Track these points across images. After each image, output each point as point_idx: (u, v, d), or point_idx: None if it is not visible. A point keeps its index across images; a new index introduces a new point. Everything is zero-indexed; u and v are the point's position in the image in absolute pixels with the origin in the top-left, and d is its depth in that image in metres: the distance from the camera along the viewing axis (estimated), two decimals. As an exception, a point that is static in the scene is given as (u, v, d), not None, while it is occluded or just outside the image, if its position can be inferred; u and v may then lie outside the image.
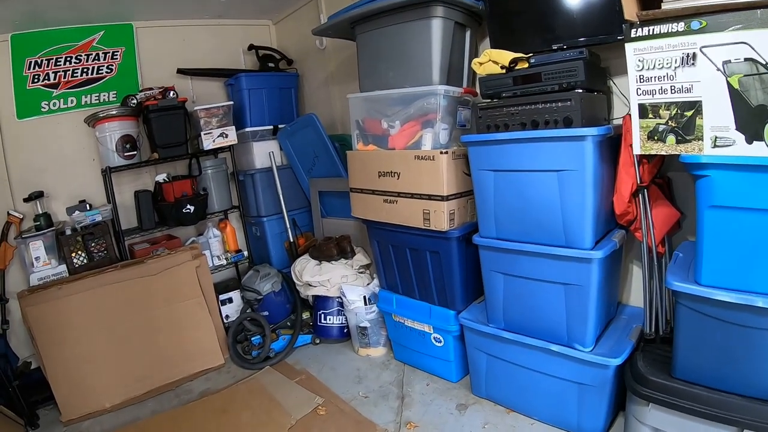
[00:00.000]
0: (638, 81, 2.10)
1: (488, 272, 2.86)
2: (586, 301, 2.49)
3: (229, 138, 4.48)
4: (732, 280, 1.96)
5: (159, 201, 4.39)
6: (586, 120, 2.38)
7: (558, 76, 2.45)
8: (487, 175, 2.71)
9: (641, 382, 2.27)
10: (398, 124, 3.16)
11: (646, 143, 2.13)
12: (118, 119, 4.19)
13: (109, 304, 3.66)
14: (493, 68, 2.69)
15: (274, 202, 4.77)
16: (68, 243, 3.92)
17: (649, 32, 2.03)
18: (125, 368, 3.61)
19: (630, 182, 2.43)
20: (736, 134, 1.87)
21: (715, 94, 1.91)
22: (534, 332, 2.72)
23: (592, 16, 2.57)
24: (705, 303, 2.01)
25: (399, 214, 3.19)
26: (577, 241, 2.45)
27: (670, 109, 2.03)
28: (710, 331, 2.05)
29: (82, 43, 4.40)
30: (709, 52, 1.89)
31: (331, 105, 4.87)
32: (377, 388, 3.39)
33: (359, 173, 3.43)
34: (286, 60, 5.18)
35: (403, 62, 3.17)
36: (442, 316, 3.24)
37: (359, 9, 3.19)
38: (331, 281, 3.91)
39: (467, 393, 3.20)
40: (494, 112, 2.66)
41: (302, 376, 3.62)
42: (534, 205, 2.55)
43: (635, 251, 2.91)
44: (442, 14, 2.96)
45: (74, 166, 4.45)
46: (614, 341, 2.62)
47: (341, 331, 4.06)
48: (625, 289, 3.07)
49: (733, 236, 1.95)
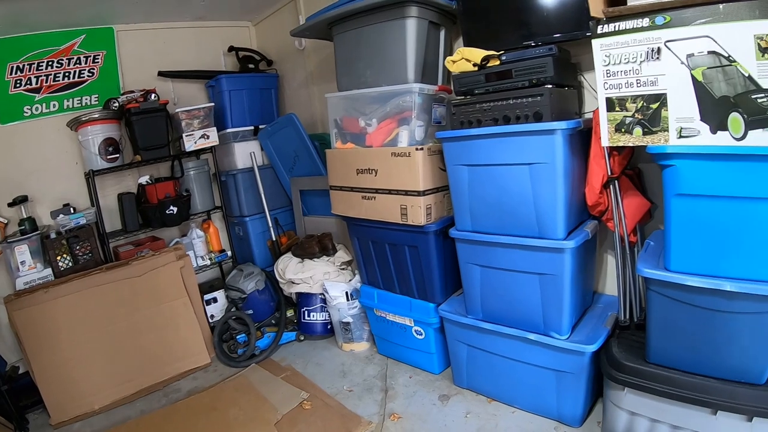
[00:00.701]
0: (605, 75, 2.14)
1: (465, 264, 2.91)
2: (561, 290, 2.55)
3: (211, 139, 4.48)
4: (700, 265, 2.02)
5: (142, 203, 4.40)
6: (556, 114, 2.44)
7: (528, 72, 2.51)
8: (461, 170, 2.76)
9: (616, 367, 2.33)
10: (375, 122, 3.20)
11: (614, 135, 2.17)
12: (101, 122, 4.19)
13: (96, 306, 3.67)
14: (466, 66, 2.74)
15: (256, 202, 4.79)
16: (53, 246, 3.91)
17: (615, 28, 2.06)
18: (113, 369, 3.63)
19: (601, 174, 2.49)
20: (701, 125, 1.93)
21: (679, 87, 1.96)
22: (511, 322, 2.78)
23: (561, 13, 2.63)
24: (675, 288, 2.07)
25: (377, 210, 3.24)
26: (550, 232, 2.51)
27: (636, 102, 2.07)
28: (681, 315, 2.11)
29: (64, 48, 4.39)
30: (673, 46, 1.94)
31: (310, 105, 4.89)
32: (361, 382, 3.44)
33: (338, 171, 3.47)
34: (266, 61, 5.19)
35: (379, 61, 3.21)
36: (422, 309, 3.28)
37: (336, 10, 3.23)
38: (314, 278, 3.94)
39: (449, 384, 3.26)
40: (467, 108, 2.71)
41: (288, 373, 3.66)
42: (507, 198, 2.61)
43: (609, 241, 2.97)
44: (416, 14, 3.01)
45: (58, 170, 4.44)
46: (590, 329, 2.68)
47: (325, 328, 4.10)
48: (601, 278, 3.14)
49: (700, 223, 2.01)
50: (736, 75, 1.84)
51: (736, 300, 1.95)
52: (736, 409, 2.01)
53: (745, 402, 1.99)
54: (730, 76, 1.85)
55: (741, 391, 2.01)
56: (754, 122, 1.82)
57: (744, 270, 1.95)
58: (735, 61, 1.83)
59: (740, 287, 1.91)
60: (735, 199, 1.92)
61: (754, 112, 1.82)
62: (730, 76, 1.85)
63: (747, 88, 1.83)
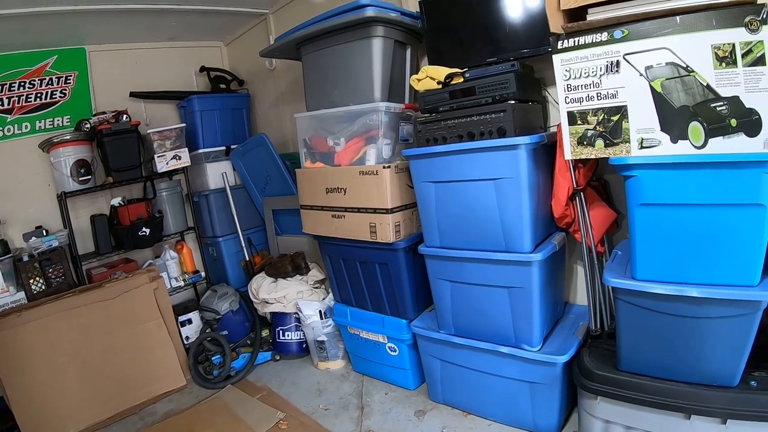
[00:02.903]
0: (566, 90, 2.17)
1: (435, 280, 2.92)
2: (530, 302, 2.56)
3: (183, 160, 4.46)
4: (665, 272, 2.06)
5: (115, 225, 4.36)
6: (520, 129, 2.46)
7: (491, 88, 2.54)
8: (428, 187, 2.77)
9: (588, 376, 2.34)
10: (343, 141, 3.22)
11: (576, 148, 2.21)
12: (72, 144, 4.17)
13: (70, 329, 3.62)
14: (431, 84, 2.77)
15: (229, 222, 4.78)
16: (26, 269, 3.87)
17: (574, 43, 2.11)
18: (88, 393, 3.57)
19: (566, 186, 2.52)
20: (662, 135, 1.97)
21: (639, 98, 2.00)
22: (483, 336, 2.79)
23: (525, 30, 2.68)
24: (642, 297, 2.11)
25: (347, 228, 3.24)
26: (517, 246, 2.53)
27: (597, 115, 2.11)
28: (649, 322, 2.14)
29: (36, 68, 4.37)
30: (632, 58, 1.99)
31: (282, 124, 4.91)
32: (337, 400, 3.42)
33: (308, 190, 3.47)
34: (238, 81, 5.20)
35: (346, 81, 3.23)
36: (395, 326, 3.28)
37: (303, 30, 3.25)
38: (287, 297, 3.93)
39: (425, 399, 3.25)
40: (433, 125, 2.73)
41: (264, 393, 3.62)
42: (474, 213, 2.62)
43: (578, 252, 2.98)
44: (382, 33, 3.04)
45: (30, 192, 4.40)
46: (562, 339, 2.71)
47: (300, 347, 4.08)
48: (571, 289, 3.17)
49: (664, 231, 2.04)
50: (694, 85, 1.88)
51: (703, 305, 1.99)
52: (709, 412, 2.03)
53: (718, 405, 2.02)
54: (689, 86, 1.89)
55: (714, 395, 2.05)
56: (714, 130, 1.87)
57: (709, 275, 1.99)
58: (693, 71, 1.88)
59: (706, 292, 1.94)
60: (697, 207, 1.96)
61: (713, 121, 1.86)
62: (688, 86, 1.89)
63: (706, 97, 1.88)
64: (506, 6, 2.74)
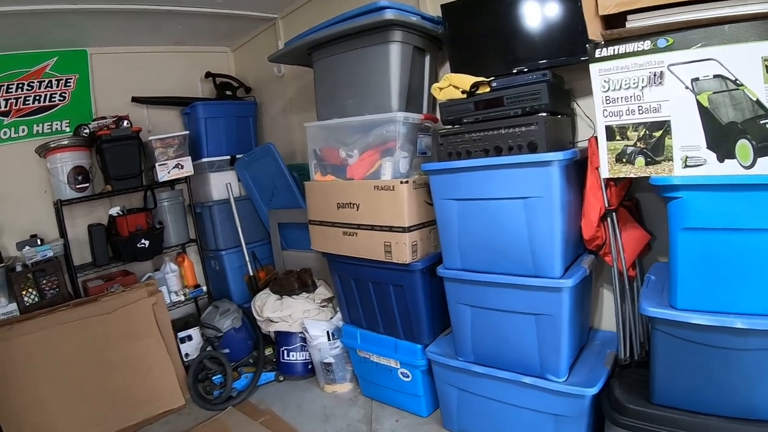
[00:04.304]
0: (604, 102, 2.07)
1: (455, 305, 2.77)
2: (558, 331, 2.41)
3: (185, 169, 4.38)
4: (708, 302, 1.94)
5: (113, 235, 4.26)
6: (551, 144, 2.32)
7: (521, 99, 2.40)
8: (450, 205, 2.63)
9: (620, 410, 2.21)
10: (357, 153, 3.09)
11: (615, 166, 2.10)
12: (70, 150, 4.09)
13: (63, 344, 3.50)
14: (454, 93, 2.64)
15: (232, 235, 4.67)
16: (18, 280, 3.76)
17: (614, 52, 2.01)
18: (82, 412, 3.44)
19: (598, 206, 2.38)
20: (707, 153, 1.87)
21: (684, 113, 1.90)
22: (505, 364, 2.63)
23: (554, 37, 2.55)
24: (682, 327, 1.98)
25: (359, 246, 3.10)
26: (546, 270, 2.38)
27: (638, 130, 2.00)
28: (688, 354, 2.02)
29: (35, 70, 4.29)
30: (676, 70, 1.88)
31: (290, 134, 4.82)
32: (345, 427, 3.26)
33: (317, 205, 3.34)
34: (244, 88, 5.12)
35: (361, 89, 3.11)
36: (409, 351, 3.14)
37: (316, 34, 3.13)
38: (293, 316, 3.80)
39: (438, 427, 3.11)
40: (456, 138, 2.59)
41: (266, 416, 3.48)
42: (500, 234, 2.48)
43: (605, 275, 2.86)
44: (400, 39, 2.91)
45: (25, 199, 4.30)
46: (588, 369, 2.55)
47: (305, 368, 3.94)
48: (596, 313, 3.02)
49: (708, 258, 1.92)
50: (743, 99, 1.80)
51: (747, 337, 1.87)
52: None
53: (760, 441, 1.89)
54: (738, 101, 1.80)
55: (752, 430, 1.92)
56: (763, 149, 1.77)
57: (756, 305, 1.86)
58: (742, 85, 1.79)
59: (752, 323, 1.82)
60: (745, 231, 1.84)
61: (762, 139, 1.77)
62: (737, 101, 1.80)
63: (755, 113, 1.78)
64: (535, 11, 2.60)
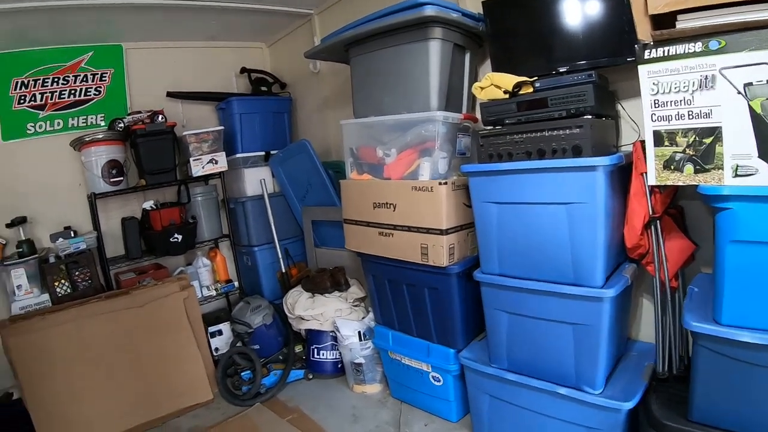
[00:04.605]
0: (653, 106, 1.99)
1: (491, 310, 2.70)
2: (597, 341, 2.33)
3: (219, 164, 4.39)
4: (756, 319, 1.83)
5: (146, 229, 4.28)
6: (596, 148, 2.24)
7: (566, 101, 2.31)
8: (489, 208, 2.56)
9: (657, 427, 2.13)
10: (394, 152, 3.03)
11: (662, 173, 2.01)
12: (105, 143, 4.10)
13: (94, 336, 3.52)
14: (496, 93, 2.56)
15: (265, 231, 4.66)
16: (51, 271, 3.81)
17: (664, 53, 1.92)
18: (110, 403, 3.46)
19: (642, 213, 2.29)
20: (759, 162, 1.77)
21: (736, 120, 1.80)
22: (540, 373, 2.56)
23: (600, 37, 2.45)
24: (727, 344, 1.88)
25: (395, 248, 3.05)
26: (588, 279, 2.30)
27: (688, 136, 1.91)
28: (731, 373, 1.92)
29: (70, 64, 4.32)
30: (729, 74, 1.79)
31: (325, 131, 4.78)
32: (374, 428, 3.23)
33: (353, 204, 3.30)
34: (280, 84, 5.10)
35: (399, 87, 3.04)
36: (442, 355, 3.08)
37: (353, 31, 3.07)
38: (325, 315, 3.77)
39: (469, 434, 3.05)
40: (497, 140, 2.52)
41: (295, 414, 3.46)
42: (541, 240, 2.40)
43: (646, 285, 2.77)
44: (440, 36, 2.84)
45: (60, 191, 4.35)
46: (626, 381, 2.46)
47: (335, 367, 3.91)
48: (635, 323, 2.92)
49: (758, 273, 1.82)
50: None
51: None
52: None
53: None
54: None
55: None
56: None
57: None
58: None
59: None
60: None
61: None
62: None
63: None
64: (579, 10, 2.50)
